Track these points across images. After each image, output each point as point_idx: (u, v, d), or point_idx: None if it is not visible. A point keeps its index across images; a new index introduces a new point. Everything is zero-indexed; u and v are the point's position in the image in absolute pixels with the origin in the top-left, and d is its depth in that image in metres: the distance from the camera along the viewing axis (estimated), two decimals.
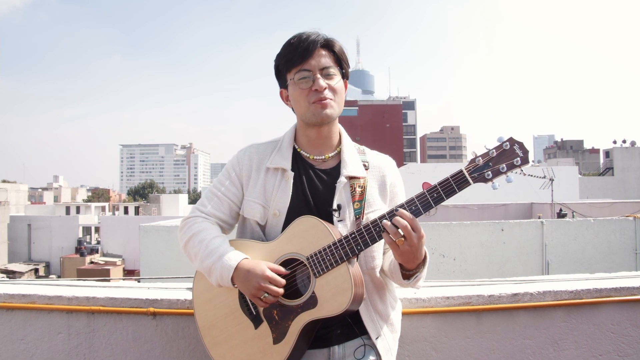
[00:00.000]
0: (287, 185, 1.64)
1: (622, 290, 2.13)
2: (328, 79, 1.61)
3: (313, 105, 1.60)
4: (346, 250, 1.48)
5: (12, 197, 42.63)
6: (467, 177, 1.43)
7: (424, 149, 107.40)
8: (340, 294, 1.46)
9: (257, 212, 1.65)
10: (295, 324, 1.51)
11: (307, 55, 1.59)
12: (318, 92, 1.59)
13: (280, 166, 1.66)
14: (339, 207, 1.60)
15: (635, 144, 43.86)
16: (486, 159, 1.44)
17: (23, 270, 29.38)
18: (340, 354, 1.60)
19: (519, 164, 1.42)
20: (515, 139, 1.44)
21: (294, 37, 1.63)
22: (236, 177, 1.70)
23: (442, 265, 9.73)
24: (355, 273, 1.50)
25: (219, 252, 1.56)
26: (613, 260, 10.27)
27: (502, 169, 1.42)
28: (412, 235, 1.42)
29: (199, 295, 1.70)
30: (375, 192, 1.68)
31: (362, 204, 1.62)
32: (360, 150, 1.75)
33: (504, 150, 1.43)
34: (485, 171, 1.43)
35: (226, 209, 1.70)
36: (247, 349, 1.58)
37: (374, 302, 1.66)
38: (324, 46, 1.62)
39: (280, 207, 1.62)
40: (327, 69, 1.60)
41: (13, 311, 2.12)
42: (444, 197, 1.44)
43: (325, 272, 1.49)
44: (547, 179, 20.60)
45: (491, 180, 1.43)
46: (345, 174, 1.63)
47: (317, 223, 1.53)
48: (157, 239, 9.90)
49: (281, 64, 1.64)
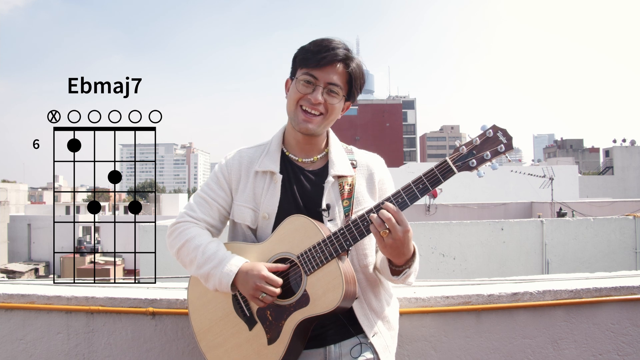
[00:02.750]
0: (275, 188, 1.64)
1: (622, 289, 2.12)
2: (329, 95, 1.60)
3: (300, 110, 1.60)
4: (335, 246, 1.48)
5: (12, 197, 42.60)
6: (451, 166, 1.44)
7: (423, 148, 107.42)
8: (331, 290, 1.47)
9: (247, 216, 1.65)
10: (288, 323, 1.52)
11: (323, 64, 1.57)
12: (311, 103, 1.59)
13: (269, 169, 1.66)
14: (328, 206, 1.61)
15: (635, 143, 43.90)
16: (470, 148, 1.44)
17: (23, 270, 29.37)
18: (337, 353, 1.60)
19: (503, 150, 1.42)
20: (498, 126, 1.44)
21: (322, 40, 1.61)
22: (225, 181, 1.70)
23: (441, 264, 9.73)
24: (347, 269, 1.50)
25: (217, 258, 1.56)
26: (613, 260, 10.26)
27: (486, 157, 1.43)
28: (397, 229, 1.43)
29: (194, 301, 1.70)
30: (364, 190, 1.69)
31: (350, 201, 1.63)
32: (348, 150, 1.76)
33: (488, 137, 1.43)
34: (470, 159, 1.44)
35: (215, 213, 1.70)
36: (242, 351, 1.58)
37: (369, 300, 1.66)
38: (342, 62, 1.60)
39: (269, 210, 1.63)
40: (333, 86, 1.59)
41: (12, 311, 2.11)
42: (429, 187, 1.44)
43: (315, 269, 1.50)
44: (547, 178, 20.61)
45: (476, 168, 1.44)
46: (333, 173, 1.64)
47: (306, 221, 1.54)
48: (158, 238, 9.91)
49: (299, 57, 1.64)
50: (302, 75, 1.60)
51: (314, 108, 1.59)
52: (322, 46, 1.59)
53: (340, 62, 1.59)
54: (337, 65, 1.59)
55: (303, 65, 1.61)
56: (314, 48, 1.59)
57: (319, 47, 1.59)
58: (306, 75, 1.59)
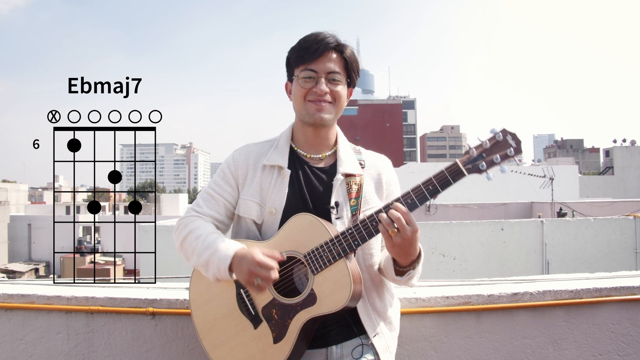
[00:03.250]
0: (283, 183, 1.64)
1: (622, 289, 2.12)
2: (332, 84, 1.61)
3: (309, 103, 1.61)
4: (343, 246, 1.48)
5: (12, 197, 42.58)
6: (461, 168, 1.44)
7: (424, 148, 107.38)
8: (339, 290, 1.46)
9: (253, 210, 1.64)
10: (294, 322, 1.51)
11: (317, 56, 1.59)
12: (317, 94, 1.60)
13: (277, 163, 1.65)
14: (337, 204, 1.60)
15: (635, 143, 43.88)
16: (480, 151, 1.44)
17: (23, 270, 29.37)
18: (338, 354, 1.60)
19: (513, 154, 1.43)
20: (508, 130, 1.44)
21: (309, 35, 1.63)
22: (231, 176, 1.70)
23: (442, 264, 9.73)
24: (354, 269, 1.50)
25: (215, 245, 1.55)
26: (613, 260, 10.26)
27: (496, 160, 1.43)
28: (406, 229, 1.43)
29: (196, 298, 1.69)
30: (372, 190, 1.69)
31: (358, 201, 1.63)
32: (356, 150, 1.76)
33: (497, 141, 1.44)
34: (479, 162, 1.44)
35: (222, 209, 1.70)
36: (247, 349, 1.57)
37: (372, 300, 1.66)
38: (335, 49, 1.62)
39: (276, 205, 1.62)
40: (333, 74, 1.61)
41: (12, 311, 2.11)
42: (439, 189, 1.45)
43: (323, 268, 1.49)
44: (547, 178, 20.60)
45: (485, 171, 1.44)
46: (342, 171, 1.64)
47: (314, 220, 1.53)
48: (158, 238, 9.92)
49: (292, 58, 1.65)
50: (301, 72, 1.61)
51: (321, 99, 1.60)
52: (311, 40, 1.61)
53: (333, 50, 1.61)
54: (332, 54, 1.61)
55: (299, 62, 1.62)
56: (305, 44, 1.61)
57: (308, 42, 1.61)
58: (306, 71, 1.60)
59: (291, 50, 1.66)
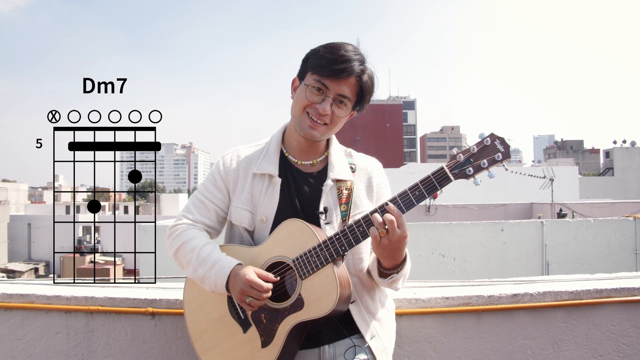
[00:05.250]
0: (274, 192, 1.63)
1: (622, 290, 2.12)
2: (337, 106, 1.57)
3: (306, 116, 1.58)
4: (331, 251, 1.48)
5: (12, 197, 42.58)
6: (448, 173, 1.44)
7: (424, 148, 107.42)
8: (326, 295, 1.47)
9: (244, 218, 1.65)
10: (282, 326, 1.52)
11: (336, 77, 1.54)
12: (318, 112, 1.56)
13: (268, 172, 1.64)
14: (326, 209, 1.60)
15: (635, 144, 43.88)
16: (467, 155, 1.44)
17: (23, 269, 29.36)
18: (331, 354, 1.60)
19: (500, 159, 1.42)
20: (496, 135, 1.44)
21: (337, 47, 1.55)
22: (222, 181, 1.69)
23: (441, 265, 9.72)
24: (341, 274, 1.50)
25: (212, 260, 1.56)
26: (613, 261, 10.25)
27: (483, 165, 1.43)
28: (396, 232, 1.43)
29: (190, 302, 1.70)
30: (363, 194, 1.69)
31: (348, 206, 1.62)
32: (347, 153, 1.75)
33: (485, 146, 1.44)
34: (466, 167, 1.44)
35: (212, 215, 1.70)
36: (236, 353, 1.59)
37: (365, 303, 1.66)
38: (357, 75, 1.56)
39: (267, 213, 1.62)
40: (342, 98, 1.57)
41: (11, 311, 2.11)
42: (425, 195, 1.45)
43: (310, 274, 1.50)
44: (547, 179, 20.60)
45: (472, 176, 1.44)
46: (332, 177, 1.63)
47: (302, 225, 1.54)
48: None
49: (311, 61, 1.59)
50: (312, 82, 1.56)
51: (320, 118, 1.57)
52: (338, 55, 1.53)
53: (355, 76, 1.56)
54: (351, 79, 1.56)
55: (315, 71, 1.56)
56: (330, 56, 1.54)
57: (334, 55, 1.53)
58: (317, 83, 1.55)
59: (313, 53, 1.59)
